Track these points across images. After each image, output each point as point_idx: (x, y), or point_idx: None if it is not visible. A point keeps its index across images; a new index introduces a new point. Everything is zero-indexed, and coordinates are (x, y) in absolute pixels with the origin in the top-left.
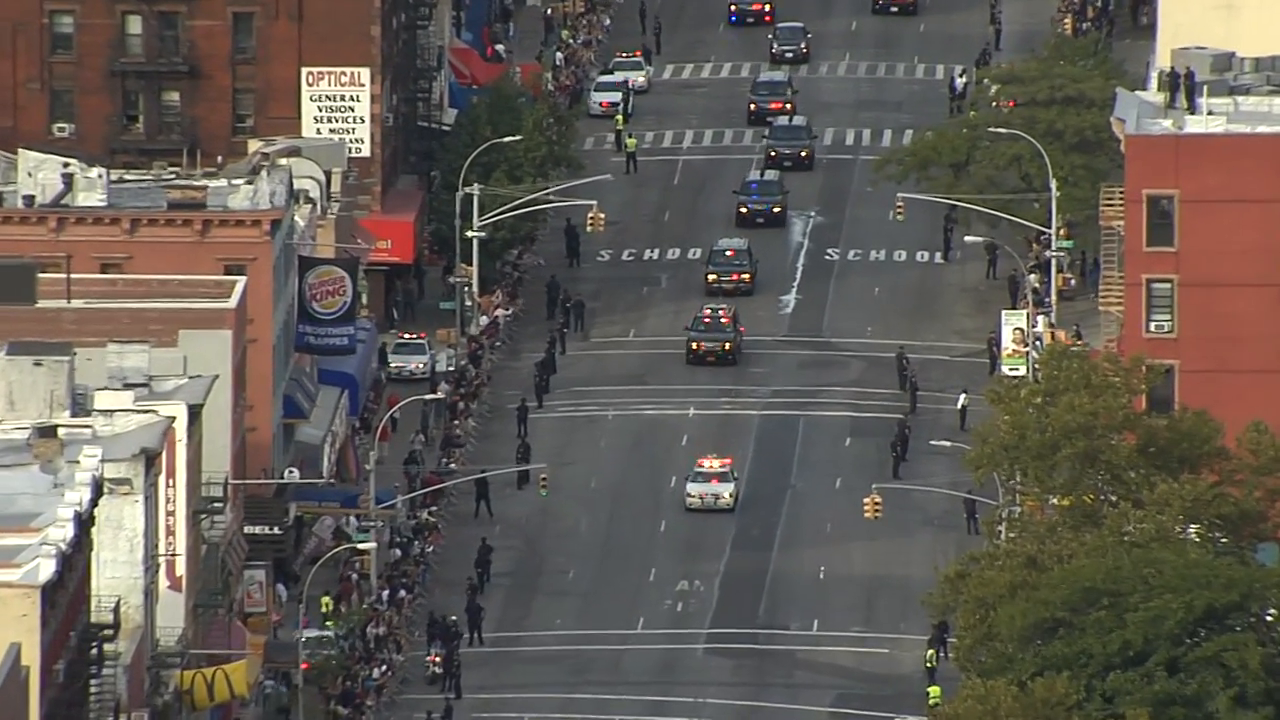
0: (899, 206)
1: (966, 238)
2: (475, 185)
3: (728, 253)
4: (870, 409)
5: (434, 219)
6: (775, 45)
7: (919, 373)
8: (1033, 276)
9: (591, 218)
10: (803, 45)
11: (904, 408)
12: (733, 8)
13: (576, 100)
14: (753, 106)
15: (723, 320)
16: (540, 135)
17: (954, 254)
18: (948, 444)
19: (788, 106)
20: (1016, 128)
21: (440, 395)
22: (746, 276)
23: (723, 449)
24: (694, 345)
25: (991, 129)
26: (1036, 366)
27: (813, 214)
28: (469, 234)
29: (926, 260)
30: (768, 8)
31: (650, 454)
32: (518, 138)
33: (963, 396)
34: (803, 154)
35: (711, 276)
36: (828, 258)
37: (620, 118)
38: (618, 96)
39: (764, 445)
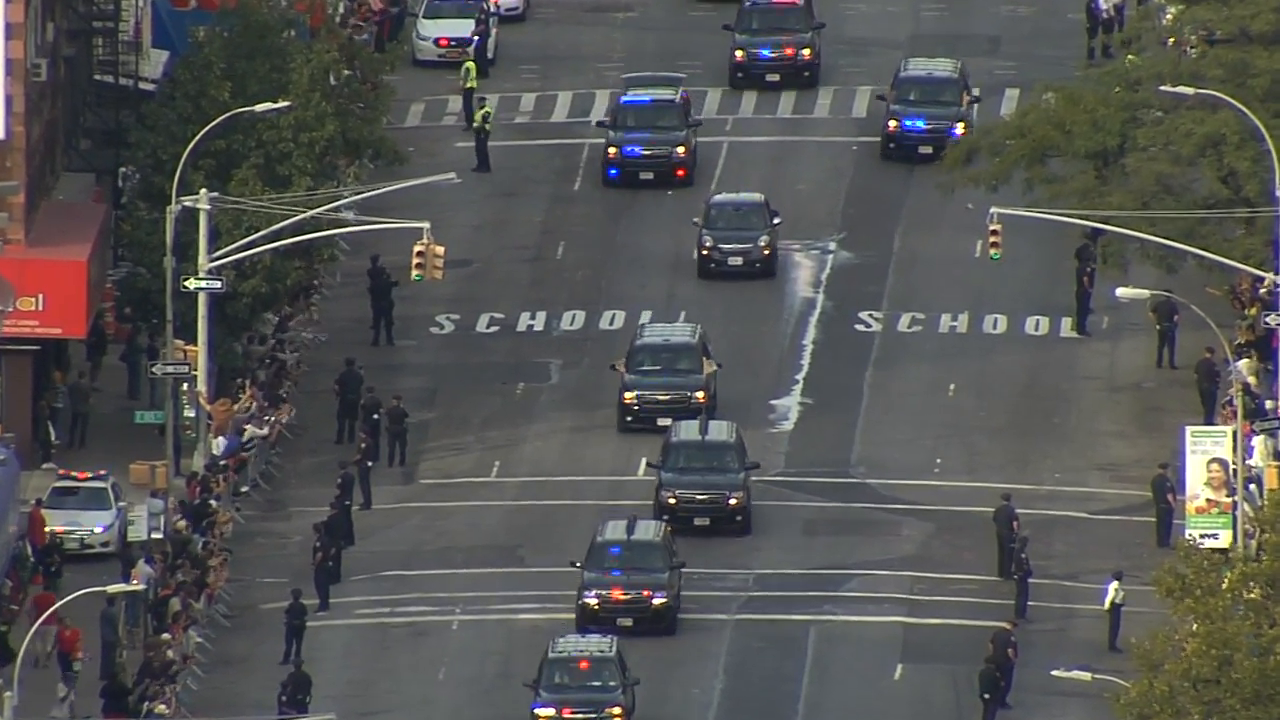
0: (994, 233)
1: (1119, 291)
2: (204, 193)
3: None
4: (940, 610)
5: (126, 256)
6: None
7: (1033, 541)
8: (1243, 364)
9: (420, 254)
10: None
11: (1005, 607)
12: (611, 152)
13: (393, 35)
14: (630, 412)
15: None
16: (324, 100)
17: (1095, 321)
18: (1087, 676)
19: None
20: (1214, 86)
21: (138, 586)
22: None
23: (663, 694)
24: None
25: (1166, 89)
26: (1250, 530)
27: (833, 246)
28: (190, 284)
29: (1044, 333)
30: (680, 152)
31: (529, 692)
32: (283, 105)
33: (1113, 586)
34: (736, 513)
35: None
36: (861, 328)
37: (472, 68)
38: (467, 29)
39: (741, 677)
